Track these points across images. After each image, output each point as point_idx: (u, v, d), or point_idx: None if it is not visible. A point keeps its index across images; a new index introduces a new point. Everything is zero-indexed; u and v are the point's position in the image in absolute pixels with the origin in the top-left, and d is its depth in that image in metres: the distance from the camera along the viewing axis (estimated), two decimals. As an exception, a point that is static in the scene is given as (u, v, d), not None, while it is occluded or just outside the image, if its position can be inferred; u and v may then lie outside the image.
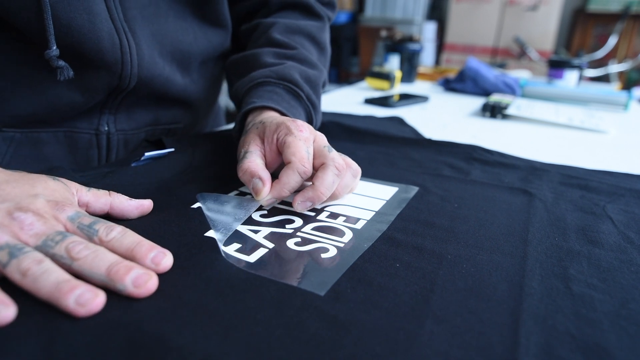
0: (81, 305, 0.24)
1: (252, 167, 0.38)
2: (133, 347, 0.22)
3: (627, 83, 2.86)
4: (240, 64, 0.57)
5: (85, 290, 0.24)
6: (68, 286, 0.24)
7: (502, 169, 0.54)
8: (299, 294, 0.27)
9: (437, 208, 0.42)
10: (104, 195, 0.35)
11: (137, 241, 0.29)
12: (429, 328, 0.25)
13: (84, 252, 0.27)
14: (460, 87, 1.24)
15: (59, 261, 0.27)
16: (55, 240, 0.27)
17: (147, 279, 0.26)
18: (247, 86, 0.52)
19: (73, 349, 0.22)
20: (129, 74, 0.49)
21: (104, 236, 0.29)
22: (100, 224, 0.30)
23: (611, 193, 0.47)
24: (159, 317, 0.24)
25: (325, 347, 0.23)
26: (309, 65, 0.57)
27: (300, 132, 0.39)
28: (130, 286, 0.25)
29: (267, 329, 0.24)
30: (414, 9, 3.30)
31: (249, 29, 0.62)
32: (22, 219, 0.28)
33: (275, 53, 0.56)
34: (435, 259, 0.32)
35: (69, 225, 0.30)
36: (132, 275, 0.26)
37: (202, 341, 0.23)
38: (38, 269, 0.25)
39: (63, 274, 0.25)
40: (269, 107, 0.48)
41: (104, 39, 0.45)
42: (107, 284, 0.26)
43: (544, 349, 0.23)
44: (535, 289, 0.29)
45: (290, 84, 0.52)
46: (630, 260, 0.34)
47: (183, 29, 0.54)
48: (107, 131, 0.54)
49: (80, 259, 0.26)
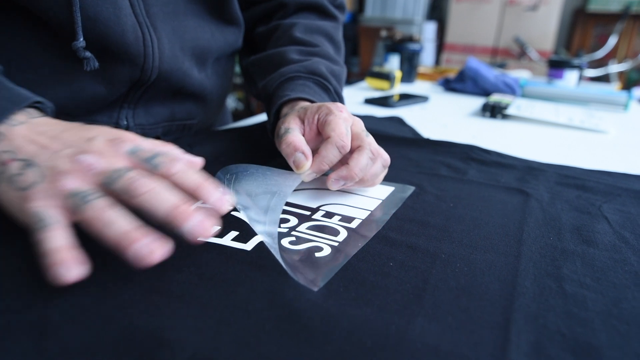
0: (139, 259, 0.25)
1: (296, 141, 0.40)
2: (125, 342, 0.22)
3: (627, 83, 2.86)
4: (266, 62, 0.59)
5: (145, 244, 0.25)
6: (130, 238, 0.25)
7: (499, 169, 0.54)
8: (292, 286, 0.27)
9: (432, 207, 0.42)
10: (160, 145, 0.35)
11: (200, 181, 0.30)
12: (420, 325, 0.25)
13: (144, 187, 0.28)
14: (460, 87, 1.24)
15: (120, 197, 0.28)
16: (116, 176, 0.28)
17: (204, 228, 0.27)
18: (278, 81, 0.53)
19: (65, 344, 0.22)
20: (150, 67, 0.50)
21: (167, 169, 0.30)
22: (161, 157, 0.31)
23: (607, 193, 0.47)
24: (152, 311, 0.25)
25: (316, 340, 0.23)
26: (332, 61, 0.59)
27: (340, 112, 0.42)
28: (188, 233, 0.27)
29: (258, 322, 0.24)
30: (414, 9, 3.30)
31: (267, 30, 0.64)
32: (84, 160, 0.29)
33: (300, 50, 0.58)
34: (429, 258, 0.32)
35: (129, 159, 0.30)
36: (191, 222, 0.27)
37: (194, 336, 0.23)
38: (105, 216, 0.26)
39: (127, 223, 0.26)
40: (303, 99, 0.50)
41: (128, 32, 0.47)
42: (167, 224, 0.27)
43: (535, 347, 0.24)
44: (527, 288, 0.29)
45: (320, 77, 0.54)
46: (624, 259, 0.34)
47: (201, 27, 0.56)
48: (126, 125, 0.55)
49: (141, 194, 0.27)
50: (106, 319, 0.24)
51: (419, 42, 1.45)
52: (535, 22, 2.93)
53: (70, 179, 0.28)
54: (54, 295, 0.26)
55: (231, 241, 0.33)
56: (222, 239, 0.33)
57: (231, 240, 0.33)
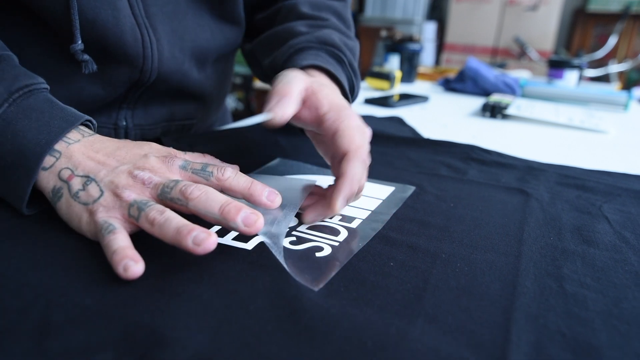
0: (197, 244, 0.27)
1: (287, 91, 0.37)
2: (126, 341, 0.22)
3: (627, 83, 2.85)
4: (273, 38, 0.55)
5: (200, 232, 0.28)
6: (186, 229, 0.28)
7: (499, 169, 0.54)
8: (293, 286, 0.28)
9: (433, 207, 0.42)
10: (200, 157, 0.39)
11: (251, 180, 0.33)
12: (420, 325, 0.25)
13: (196, 192, 0.31)
14: (460, 87, 1.24)
15: (177, 204, 0.31)
16: (170, 186, 0.32)
17: (255, 219, 0.29)
18: (287, 53, 0.49)
19: (66, 343, 0.22)
20: (149, 69, 0.50)
21: (220, 175, 0.33)
22: (211, 167, 0.34)
23: (608, 193, 0.47)
24: (153, 310, 0.25)
25: (317, 340, 0.23)
26: (344, 34, 0.55)
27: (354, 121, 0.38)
28: (241, 225, 0.29)
29: (259, 321, 0.24)
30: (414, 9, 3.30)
31: (270, 14, 0.60)
32: (141, 176, 0.32)
33: (308, 24, 0.54)
34: (430, 258, 0.32)
35: (182, 173, 0.34)
36: (242, 215, 0.29)
37: (195, 335, 0.23)
38: (161, 218, 0.29)
39: (181, 220, 0.29)
40: (316, 67, 0.46)
41: (127, 33, 0.46)
42: (221, 221, 0.30)
43: (535, 347, 0.24)
44: (528, 288, 0.29)
45: (332, 47, 0.50)
46: (625, 259, 0.34)
47: (201, 27, 0.55)
48: (125, 126, 0.55)
49: (194, 198, 0.30)
50: (107, 319, 0.24)
51: (419, 42, 1.45)
52: (535, 22, 2.93)
53: (129, 192, 0.31)
54: (55, 295, 0.26)
55: (232, 240, 0.33)
56: (222, 238, 0.33)
57: (232, 239, 0.33)
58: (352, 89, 0.51)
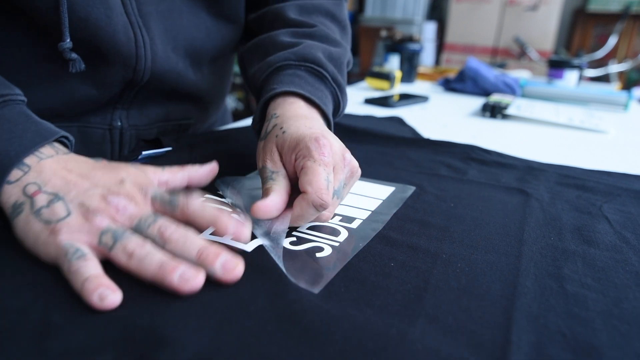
0: (185, 281, 0.26)
1: (271, 205, 0.34)
2: (126, 342, 0.22)
3: (627, 83, 2.85)
4: (254, 49, 0.53)
5: (188, 268, 0.26)
6: (172, 265, 0.26)
7: (499, 169, 0.54)
8: (292, 287, 0.27)
9: (433, 208, 0.42)
10: (178, 171, 0.37)
11: (217, 212, 0.31)
12: (420, 325, 0.25)
13: (175, 234, 0.29)
14: (460, 87, 1.23)
15: (152, 242, 0.29)
16: (148, 223, 0.30)
17: (235, 265, 0.27)
18: (266, 72, 0.47)
19: (67, 344, 0.22)
20: (142, 68, 0.49)
21: (185, 208, 0.31)
22: (178, 198, 0.32)
23: (608, 193, 0.47)
24: (153, 311, 0.25)
25: (317, 342, 0.23)
26: (331, 42, 0.52)
27: (321, 155, 0.35)
28: (220, 270, 0.27)
29: (259, 322, 0.24)
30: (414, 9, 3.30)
31: (258, 16, 0.58)
32: (116, 202, 0.30)
33: (293, 32, 0.52)
34: (430, 258, 0.32)
35: (154, 203, 0.32)
36: (221, 260, 0.27)
37: (195, 335, 0.23)
38: (142, 251, 0.27)
39: (165, 255, 0.27)
40: (292, 93, 0.44)
41: (120, 32, 0.46)
42: (198, 266, 0.27)
43: (535, 347, 0.24)
44: (529, 288, 0.29)
45: (313, 64, 0.47)
46: (625, 259, 0.34)
47: (196, 25, 0.54)
48: (120, 126, 0.54)
49: (172, 241, 0.29)
50: (107, 319, 0.24)
51: (419, 42, 1.45)
52: (535, 22, 2.93)
53: (102, 217, 0.29)
54: (54, 296, 0.26)
55: (231, 241, 0.33)
56: (222, 238, 0.33)
57: (231, 239, 0.33)
58: (338, 104, 0.50)
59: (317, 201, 0.32)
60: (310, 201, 0.32)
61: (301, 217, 0.34)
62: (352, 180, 0.39)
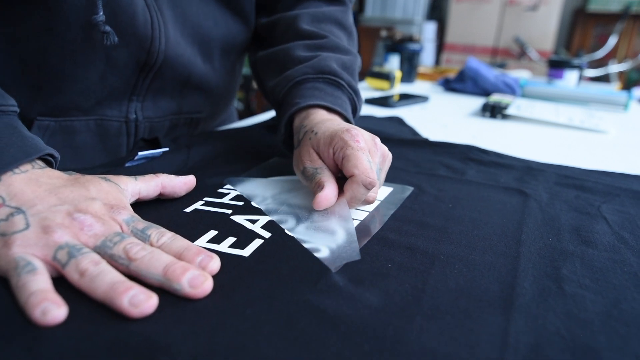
0: (134, 306, 0.24)
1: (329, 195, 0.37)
2: (120, 347, 0.22)
3: (627, 83, 2.85)
4: (271, 61, 0.57)
5: (139, 292, 0.25)
6: (123, 287, 0.25)
7: (498, 169, 0.54)
8: (289, 290, 0.27)
9: (431, 208, 0.42)
10: (152, 179, 0.37)
11: (186, 246, 0.30)
12: (418, 326, 0.25)
13: (141, 253, 0.28)
14: (460, 87, 1.23)
15: (117, 262, 0.28)
16: (114, 241, 0.28)
17: (203, 280, 0.26)
18: (287, 87, 0.51)
19: (58, 350, 0.22)
20: (156, 50, 0.50)
21: (155, 240, 0.30)
22: (153, 229, 0.31)
23: (606, 193, 0.47)
24: (147, 316, 0.24)
25: (314, 344, 0.23)
26: (342, 51, 0.56)
27: (356, 142, 0.38)
28: (187, 286, 0.26)
29: (256, 325, 0.24)
30: (414, 9, 3.30)
31: (269, 23, 0.61)
32: (82, 220, 0.29)
33: (307, 45, 0.55)
34: (428, 259, 0.32)
35: (124, 227, 0.31)
36: (188, 276, 0.26)
37: (190, 340, 0.23)
38: (95, 270, 0.26)
39: (118, 275, 0.26)
40: (315, 105, 0.48)
41: (139, 14, 0.47)
42: (164, 284, 0.26)
43: (533, 348, 0.23)
44: (527, 289, 0.29)
45: (330, 75, 0.51)
46: (624, 260, 0.34)
47: (204, 13, 0.55)
48: (135, 119, 0.56)
49: (137, 259, 0.27)
50: (101, 324, 0.24)
51: (419, 42, 1.45)
52: (535, 22, 2.93)
53: (62, 233, 0.28)
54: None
55: (228, 248, 0.32)
56: (219, 245, 0.33)
57: (228, 247, 0.33)
58: (355, 107, 0.54)
59: (366, 180, 0.36)
60: (360, 181, 0.36)
61: (354, 199, 0.37)
62: (385, 164, 0.43)
